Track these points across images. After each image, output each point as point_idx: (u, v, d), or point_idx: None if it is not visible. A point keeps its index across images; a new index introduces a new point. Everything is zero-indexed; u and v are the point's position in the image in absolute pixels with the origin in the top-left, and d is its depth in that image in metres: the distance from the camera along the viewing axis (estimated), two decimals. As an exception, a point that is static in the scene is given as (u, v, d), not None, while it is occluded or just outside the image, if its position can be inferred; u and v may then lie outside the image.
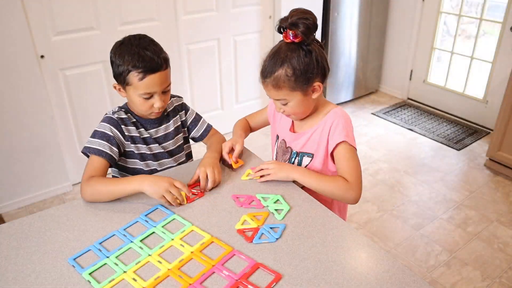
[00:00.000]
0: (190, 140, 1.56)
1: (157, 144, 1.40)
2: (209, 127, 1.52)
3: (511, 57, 3.09)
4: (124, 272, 0.97)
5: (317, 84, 1.19)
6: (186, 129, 1.51)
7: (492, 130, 3.26)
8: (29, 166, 2.44)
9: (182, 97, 1.52)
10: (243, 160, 1.39)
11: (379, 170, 2.87)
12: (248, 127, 1.53)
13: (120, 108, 1.36)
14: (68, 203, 1.23)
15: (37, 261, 1.00)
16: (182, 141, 1.49)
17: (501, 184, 2.71)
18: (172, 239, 1.06)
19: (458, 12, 3.40)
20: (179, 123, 1.47)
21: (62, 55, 2.36)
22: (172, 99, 1.46)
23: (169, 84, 1.29)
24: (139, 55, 1.20)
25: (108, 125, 1.30)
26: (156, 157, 1.41)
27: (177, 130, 1.45)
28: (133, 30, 2.49)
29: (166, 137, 1.42)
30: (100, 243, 1.05)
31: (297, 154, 1.33)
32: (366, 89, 4.01)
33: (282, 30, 1.19)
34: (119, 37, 1.31)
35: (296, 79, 1.15)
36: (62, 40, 2.33)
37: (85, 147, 1.27)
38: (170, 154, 1.44)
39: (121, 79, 1.25)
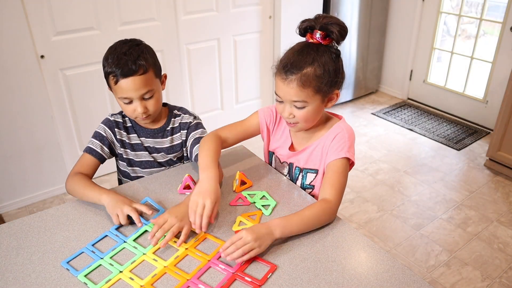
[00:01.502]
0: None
1: (147, 153, 1.40)
2: None
3: (511, 57, 3.09)
4: (120, 272, 0.97)
5: (336, 92, 1.15)
6: (185, 149, 1.43)
7: (492, 130, 3.26)
8: (29, 166, 2.44)
9: (194, 116, 1.42)
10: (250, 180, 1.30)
11: (379, 170, 2.87)
12: (219, 149, 1.25)
13: (120, 111, 1.40)
14: (68, 203, 1.23)
15: (37, 261, 1.00)
16: (176, 159, 1.43)
17: (501, 184, 2.71)
18: (165, 236, 1.03)
19: (458, 12, 3.40)
20: (179, 141, 1.41)
21: (62, 55, 2.36)
22: (184, 115, 1.40)
23: (150, 90, 1.25)
24: (117, 59, 1.22)
25: (103, 126, 1.37)
26: (143, 164, 1.41)
27: (172, 149, 1.40)
28: (133, 30, 2.51)
29: (157, 150, 1.40)
30: (93, 245, 1.05)
31: (301, 170, 1.29)
32: (366, 89, 4.01)
33: (306, 31, 1.13)
34: (119, 37, 1.32)
35: (324, 80, 1.10)
36: (62, 40, 2.33)
37: (85, 148, 1.36)
38: (160, 164, 1.42)
39: (107, 82, 1.28)
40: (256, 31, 3.14)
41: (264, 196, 1.23)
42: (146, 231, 1.09)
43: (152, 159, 1.40)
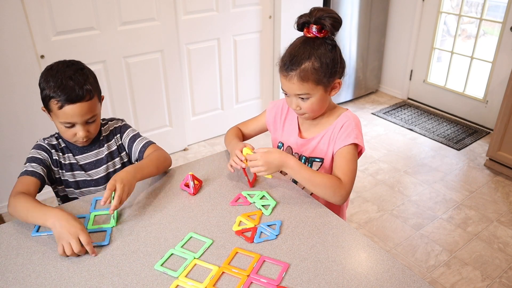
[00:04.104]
0: None
1: (82, 172, 1.35)
2: (147, 144, 1.38)
3: (511, 57, 3.09)
4: None
5: (337, 81, 1.20)
6: (125, 153, 1.43)
7: (492, 130, 3.26)
8: (29, 166, 2.44)
9: (122, 120, 1.46)
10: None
11: (379, 170, 2.87)
12: (240, 135, 1.47)
13: (52, 135, 1.36)
14: (68, 203, 1.23)
15: (37, 261, 1.01)
16: (118, 166, 1.40)
17: (501, 184, 2.71)
18: (195, 258, 1.01)
19: (458, 12, 3.40)
20: (115, 147, 1.40)
21: (62, 55, 2.35)
22: (110, 122, 1.42)
23: (94, 115, 1.25)
24: (61, 83, 1.18)
25: (38, 150, 1.30)
26: (78, 184, 1.36)
27: (110, 156, 1.39)
28: (133, 30, 2.51)
29: (96, 164, 1.37)
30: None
31: (307, 159, 1.32)
32: (366, 89, 4.01)
33: (303, 26, 1.18)
34: (119, 37, 1.31)
35: (322, 72, 1.15)
36: (62, 40, 2.33)
37: (20, 173, 1.26)
38: (97, 182, 1.37)
39: (44, 104, 1.24)
40: (256, 31, 3.14)
41: (264, 196, 1.23)
42: (172, 254, 1.02)
43: (89, 177, 1.36)
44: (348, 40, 3.59)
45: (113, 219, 1.12)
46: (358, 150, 1.24)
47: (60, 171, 1.34)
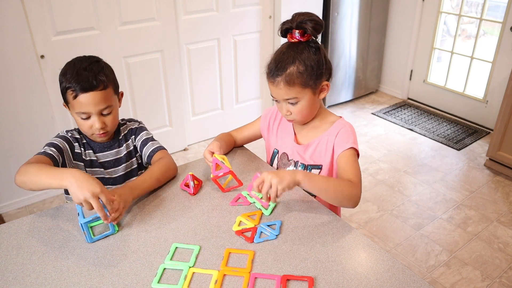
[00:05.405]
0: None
1: (102, 169, 1.37)
2: (156, 150, 1.37)
3: (511, 57, 3.09)
4: None
5: (325, 83, 1.21)
6: (139, 155, 1.45)
7: (492, 130, 3.26)
8: (29, 166, 2.44)
9: (139, 122, 1.47)
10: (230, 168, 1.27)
11: (379, 170, 2.87)
12: (231, 141, 1.46)
13: (74, 129, 1.37)
14: (68, 203, 1.23)
15: (37, 261, 1.01)
16: (135, 166, 1.44)
17: (501, 184, 2.71)
18: (190, 267, 0.98)
19: (458, 12, 3.40)
20: (132, 147, 1.43)
21: (62, 55, 2.35)
22: (128, 123, 1.44)
23: (109, 106, 1.26)
24: (76, 74, 1.21)
25: (61, 139, 1.31)
26: None
27: (129, 156, 1.42)
28: (133, 30, 2.51)
29: (115, 163, 1.39)
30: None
31: (305, 167, 1.32)
32: (366, 89, 4.01)
33: (286, 32, 1.20)
34: (119, 37, 1.32)
35: (308, 75, 1.16)
36: (62, 40, 2.33)
37: (37, 153, 1.25)
38: (115, 181, 1.39)
39: (63, 98, 1.26)
40: (256, 31, 3.14)
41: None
42: (164, 269, 1.00)
43: (108, 176, 1.38)
44: (348, 40, 3.59)
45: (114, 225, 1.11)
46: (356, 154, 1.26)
47: (79, 164, 1.34)
